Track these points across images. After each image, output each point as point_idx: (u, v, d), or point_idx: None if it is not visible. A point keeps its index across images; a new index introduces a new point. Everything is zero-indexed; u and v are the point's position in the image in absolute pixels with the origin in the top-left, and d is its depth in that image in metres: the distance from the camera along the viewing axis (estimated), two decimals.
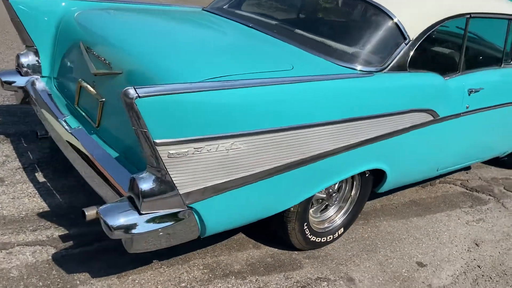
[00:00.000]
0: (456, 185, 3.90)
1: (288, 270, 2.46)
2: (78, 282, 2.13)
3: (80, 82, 2.42)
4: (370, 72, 2.38)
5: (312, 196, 2.35)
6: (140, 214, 1.73)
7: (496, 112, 3.30)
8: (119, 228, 1.69)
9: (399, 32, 2.50)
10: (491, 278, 2.73)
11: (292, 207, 2.27)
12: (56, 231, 2.42)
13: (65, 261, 2.24)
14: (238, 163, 1.88)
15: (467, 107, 2.98)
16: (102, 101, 2.24)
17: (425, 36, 2.60)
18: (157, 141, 1.64)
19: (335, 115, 2.16)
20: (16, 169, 2.91)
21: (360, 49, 2.45)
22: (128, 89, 1.54)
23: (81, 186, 2.83)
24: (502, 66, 3.35)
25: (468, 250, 2.97)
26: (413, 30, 2.53)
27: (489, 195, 3.83)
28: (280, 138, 1.97)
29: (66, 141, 2.28)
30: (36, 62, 2.83)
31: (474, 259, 2.89)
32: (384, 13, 2.52)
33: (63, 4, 2.81)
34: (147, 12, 3.00)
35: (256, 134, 1.89)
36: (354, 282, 2.46)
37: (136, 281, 2.19)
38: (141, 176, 1.72)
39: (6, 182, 2.76)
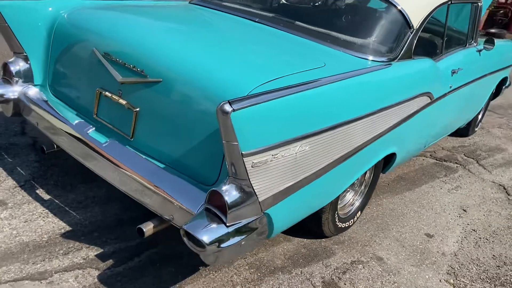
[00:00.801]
0: (427, 157, 4.23)
1: (324, 258, 2.56)
2: None
3: (100, 91, 2.27)
4: (388, 63, 2.50)
5: None
6: (227, 226, 1.71)
7: (468, 88, 3.62)
8: (212, 243, 1.66)
9: (405, 22, 2.65)
10: (487, 240, 3.06)
11: None
12: (90, 251, 2.28)
13: (114, 281, 2.13)
14: (303, 164, 1.92)
15: (450, 87, 3.24)
16: (136, 111, 2.12)
17: (424, 24, 2.77)
18: (244, 152, 1.62)
19: (372, 107, 2.26)
20: (13, 189, 2.67)
21: (375, 40, 2.56)
22: (224, 104, 1.50)
23: (91, 199, 2.69)
24: (467, 46, 3.67)
25: (459, 216, 3.28)
26: (415, 19, 2.69)
27: (456, 163, 4.22)
28: (334, 135, 2.03)
29: (100, 155, 2.14)
30: (27, 70, 2.58)
31: (468, 224, 3.20)
32: (391, 4, 2.64)
33: (50, 9, 2.57)
34: (148, 9, 2.86)
35: (317, 134, 1.93)
36: (383, 261, 2.62)
37: None
38: (224, 188, 1.69)
39: (10, 205, 2.53)
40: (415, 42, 2.71)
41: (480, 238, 3.06)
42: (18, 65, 2.57)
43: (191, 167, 2.00)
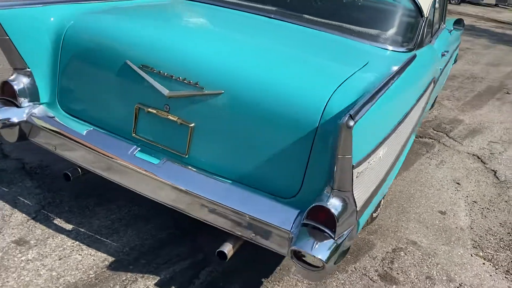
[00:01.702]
0: None
1: (367, 250, 2.60)
2: None
3: (140, 107, 2.05)
4: (411, 52, 2.55)
5: None
6: (335, 240, 1.66)
7: (446, 68, 3.84)
8: (329, 260, 1.60)
9: (418, 11, 2.71)
10: (488, 209, 3.30)
11: None
12: (147, 281, 2.10)
13: None
14: (382, 165, 1.92)
15: (441, 69, 3.41)
16: (191, 126, 1.96)
17: (430, 11, 2.86)
18: (354, 164, 1.57)
19: (417, 95, 2.33)
20: (27, 223, 2.36)
21: (398, 31, 2.60)
22: (348, 119, 1.43)
23: (118, 222, 2.47)
24: (441, 28, 3.86)
25: (457, 190, 3.51)
26: (425, 7, 2.77)
27: (430, 138, 4.48)
28: (401, 129, 2.05)
29: (156, 179, 1.95)
30: (32, 87, 2.26)
31: (467, 196, 3.43)
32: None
33: (52, 19, 2.27)
34: (168, 11, 2.65)
35: (393, 132, 1.94)
36: (418, 244, 2.73)
37: None
38: (329, 202, 1.64)
39: (33, 242, 2.23)
40: (426, 29, 2.79)
41: (483, 208, 3.29)
42: (21, 83, 2.24)
43: (265, 181, 1.90)
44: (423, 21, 2.73)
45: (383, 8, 2.74)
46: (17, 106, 2.23)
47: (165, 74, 1.97)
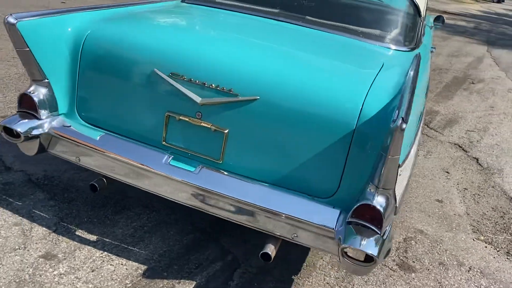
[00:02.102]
0: None
1: None
2: None
3: (170, 115, 2.06)
4: (413, 51, 2.69)
5: None
6: (381, 236, 1.75)
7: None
8: (380, 254, 1.69)
9: (417, 11, 2.85)
10: (479, 195, 3.52)
11: None
12: (186, 286, 2.13)
13: None
14: (411, 161, 2.03)
15: (430, 66, 3.58)
16: (226, 132, 1.99)
17: (425, 11, 3.01)
18: (400, 162, 1.67)
19: (424, 93, 2.46)
20: (49, 236, 2.32)
21: (402, 32, 2.72)
22: (401, 122, 1.52)
23: (141, 229, 2.47)
24: (423, 24, 4.04)
25: (447, 178, 3.71)
26: (422, 7, 2.91)
27: None
28: (420, 126, 2.19)
29: (194, 187, 1.97)
30: (51, 99, 2.22)
31: (458, 184, 3.64)
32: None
33: (69, 29, 2.23)
34: (186, 16, 2.66)
35: (418, 129, 2.06)
36: (425, 233, 2.89)
37: None
38: (375, 200, 1.72)
39: (60, 256, 2.20)
40: (423, 29, 2.94)
41: (474, 194, 3.51)
42: (40, 94, 2.19)
43: (302, 183, 1.97)
44: (421, 21, 2.88)
45: (386, 10, 2.86)
46: (37, 118, 2.18)
47: (197, 81, 1.99)
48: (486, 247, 2.86)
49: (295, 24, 2.73)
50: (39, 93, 2.18)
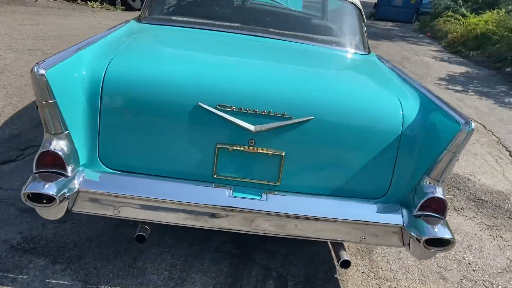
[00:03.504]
0: None
1: None
2: None
3: (221, 147, 2.02)
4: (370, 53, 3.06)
5: None
6: (445, 221, 2.04)
7: None
8: (454, 236, 1.97)
9: (362, 17, 3.21)
10: None
11: None
12: None
13: None
14: None
15: None
16: (282, 155, 2.05)
17: None
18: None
19: None
20: None
21: (360, 37, 3.05)
22: (464, 123, 1.81)
23: (174, 268, 2.37)
24: None
25: None
26: (363, 14, 3.29)
27: None
28: None
29: (265, 213, 1.99)
30: (72, 151, 1.96)
31: None
32: (352, 3, 3.15)
33: (84, 72, 2.00)
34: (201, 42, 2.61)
35: None
36: None
37: None
38: (438, 192, 2.00)
39: None
40: None
41: None
42: (64, 148, 1.92)
43: (355, 188, 2.14)
44: (365, 26, 3.24)
45: (345, 18, 3.15)
46: (65, 176, 1.91)
47: (247, 110, 1.99)
48: None
49: (267, 38, 2.84)
50: (61, 147, 1.91)
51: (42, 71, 1.71)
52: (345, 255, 2.10)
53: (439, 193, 1.99)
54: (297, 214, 2.01)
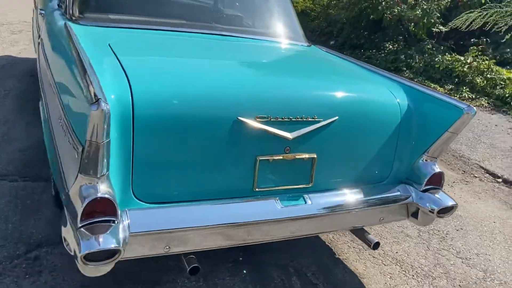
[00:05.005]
0: None
1: None
2: None
3: (260, 159, 1.98)
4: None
5: None
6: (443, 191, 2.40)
7: None
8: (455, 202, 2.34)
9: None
10: None
11: None
12: None
13: None
14: None
15: None
16: (314, 157, 2.12)
17: None
18: None
19: None
20: None
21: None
22: (467, 108, 2.15)
23: None
24: None
25: None
26: None
27: None
28: None
29: (314, 216, 2.06)
30: (113, 192, 1.70)
31: None
32: None
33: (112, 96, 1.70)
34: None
35: None
36: None
37: None
38: (437, 167, 2.34)
39: None
40: None
41: None
42: (108, 191, 1.64)
43: (367, 175, 2.34)
44: None
45: (287, 12, 3.24)
46: (115, 222, 1.65)
47: (284, 118, 1.99)
48: None
49: (226, 35, 2.79)
50: (107, 190, 1.64)
51: (106, 106, 1.42)
52: (373, 238, 2.31)
53: (437, 168, 2.33)
54: (338, 211, 2.12)
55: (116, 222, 1.64)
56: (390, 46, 9.00)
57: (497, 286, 2.65)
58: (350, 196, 2.21)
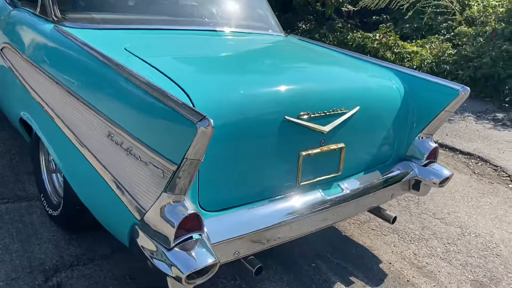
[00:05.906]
0: None
1: None
2: None
3: (303, 154, 2.08)
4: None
5: None
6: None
7: None
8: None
9: None
10: None
11: None
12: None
13: None
14: None
15: None
16: (342, 147, 2.26)
17: None
18: None
19: None
20: None
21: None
22: (462, 88, 2.44)
23: None
24: None
25: None
26: None
27: None
28: None
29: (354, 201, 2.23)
30: (195, 207, 1.69)
31: None
32: None
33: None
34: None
35: None
36: None
37: None
38: (434, 143, 2.63)
39: None
40: None
41: None
42: (193, 206, 1.64)
43: (377, 158, 2.55)
44: None
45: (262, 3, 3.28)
46: (201, 236, 1.65)
47: (319, 113, 2.10)
48: None
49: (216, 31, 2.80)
50: (193, 206, 1.64)
51: (211, 123, 1.41)
52: (390, 213, 2.53)
53: (434, 143, 2.62)
54: (366, 194, 2.31)
55: (202, 236, 1.63)
56: (303, 26, 9.39)
57: (474, 238, 3.06)
58: (369, 178, 2.41)
